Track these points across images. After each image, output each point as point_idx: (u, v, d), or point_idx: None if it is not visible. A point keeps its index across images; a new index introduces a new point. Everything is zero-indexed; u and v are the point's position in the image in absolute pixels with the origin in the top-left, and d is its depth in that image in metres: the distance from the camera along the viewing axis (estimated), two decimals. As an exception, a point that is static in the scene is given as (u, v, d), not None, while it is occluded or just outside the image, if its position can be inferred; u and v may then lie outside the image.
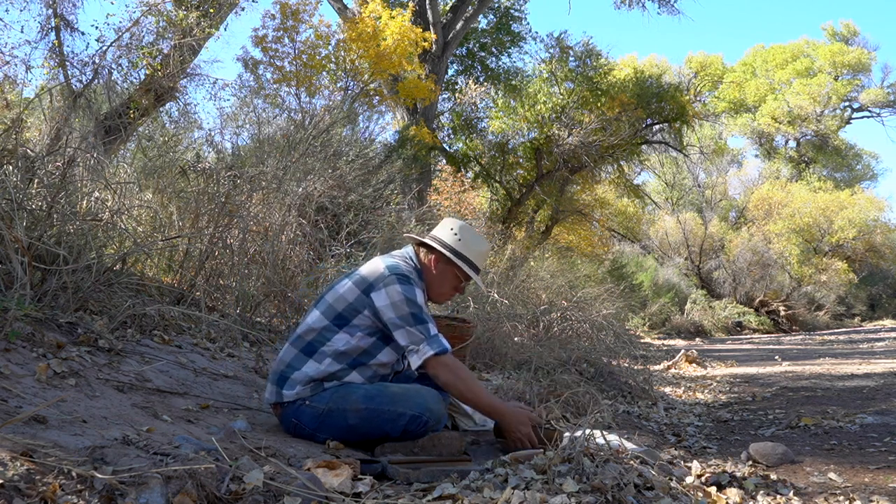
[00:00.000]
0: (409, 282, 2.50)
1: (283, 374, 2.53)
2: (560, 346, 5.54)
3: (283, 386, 2.52)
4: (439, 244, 2.63)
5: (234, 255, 4.51)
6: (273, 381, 2.56)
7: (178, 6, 6.80)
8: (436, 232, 2.70)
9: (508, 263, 7.91)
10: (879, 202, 25.06)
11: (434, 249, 2.65)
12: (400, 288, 2.48)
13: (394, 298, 2.47)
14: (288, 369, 2.53)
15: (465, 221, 2.72)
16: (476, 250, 2.66)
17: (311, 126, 6.82)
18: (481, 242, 2.69)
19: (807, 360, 8.43)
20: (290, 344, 2.57)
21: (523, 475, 2.02)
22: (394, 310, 2.46)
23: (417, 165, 11.37)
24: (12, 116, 4.38)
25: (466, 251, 2.63)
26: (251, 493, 1.68)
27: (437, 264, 2.65)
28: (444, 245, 2.63)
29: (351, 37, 10.57)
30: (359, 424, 2.47)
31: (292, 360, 2.53)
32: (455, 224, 2.68)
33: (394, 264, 2.56)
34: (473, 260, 2.65)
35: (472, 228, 2.71)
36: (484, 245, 2.69)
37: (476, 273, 2.67)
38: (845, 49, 30.65)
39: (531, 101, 13.50)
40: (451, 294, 2.72)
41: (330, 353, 2.51)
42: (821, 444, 3.41)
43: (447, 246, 2.63)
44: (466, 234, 2.66)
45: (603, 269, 15.43)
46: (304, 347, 2.54)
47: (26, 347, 2.50)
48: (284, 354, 2.57)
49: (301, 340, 2.55)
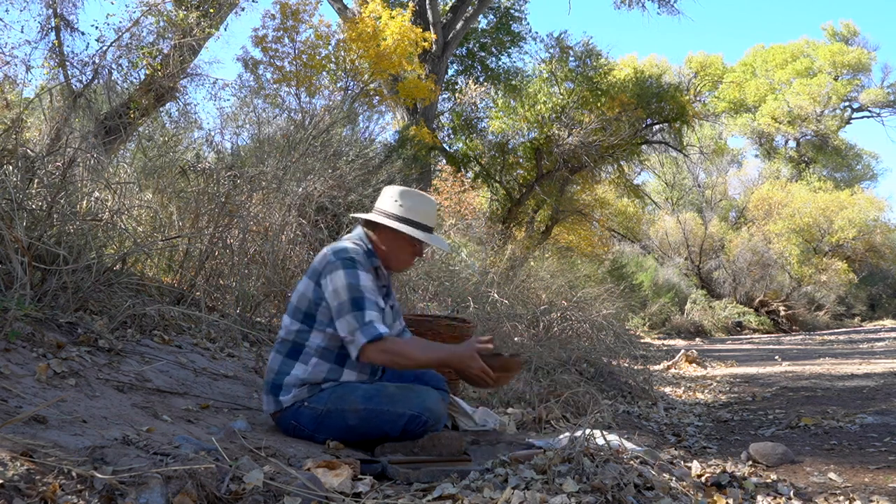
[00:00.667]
0: (353, 265, 2.46)
1: (275, 382, 2.53)
2: (560, 346, 5.54)
3: (279, 393, 2.51)
4: (384, 216, 2.60)
5: (234, 255, 4.50)
6: (267, 391, 2.55)
7: (178, 6, 6.80)
8: (378, 204, 2.65)
9: (508, 263, 7.91)
10: (879, 202, 25.06)
11: (378, 224, 2.61)
12: (342, 273, 2.44)
13: (336, 285, 2.44)
14: (279, 376, 2.52)
15: (405, 187, 2.69)
16: (421, 210, 2.61)
17: (311, 126, 6.82)
18: (425, 202, 2.65)
19: (807, 360, 8.43)
20: (276, 352, 2.57)
21: (523, 475, 2.02)
22: (335, 297, 2.44)
23: (417, 165, 11.37)
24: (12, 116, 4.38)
25: (411, 214, 2.59)
26: (251, 493, 1.68)
27: (385, 237, 2.61)
28: (387, 215, 2.59)
29: (351, 37, 10.57)
30: (358, 425, 2.46)
31: (280, 367, 2.53)
32: (395, 191, 2.63)
33: (340, 248, 2.53)
34: (421, 221, 2.61)
35: (414, 191, 2.67)
36: (428, 204, 2.66)
37: (428, 232, 2.63)
38: (845, 49, 30.64)
39: (531, 101, 13.50)
40: (412, 260, 2.69)
41: (313, 352, 2.50)
42: (821, 444, 3.41)
43: (391, 215, 2.59)
44: (408, 199, 2.61)
45: (603, 269, 15.42)
46: (288, 352, 2.53)
47: (26, 347, 2.50)
48: (272, 363, 2.56)
49: (284, 345, 2.54)
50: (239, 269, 4.52)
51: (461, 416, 3.10)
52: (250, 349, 3.85)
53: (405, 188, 2.68)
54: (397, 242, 2.61)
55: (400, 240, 2.61)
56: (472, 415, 3.12)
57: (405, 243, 2.62)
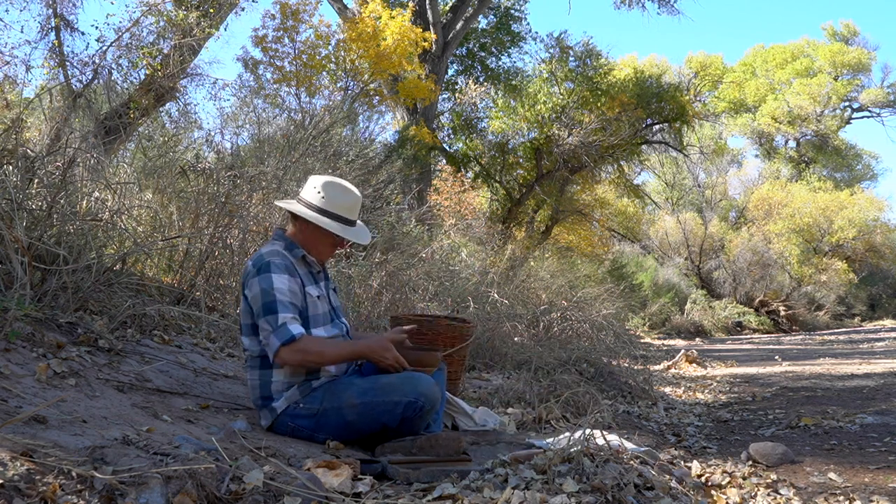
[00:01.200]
0: (266, 269, 2.46)
1: (262, 395, 2.53)
2: (560, 346, 5.54)
3: (270, 402, 2.51)
4: (304, 205, 2.58)
5: (234, 255, 4.51)
6: (259, 406, 2.56)
7: (178, 6, 6.80)
8: (302, 193, 2.62)
9: (508, 263, 7.91)
10: (879, 202, 25.04)
11: (297, 216, 2.59)
12: (256, 280, 2.46)
13: (253, 292, 2.46)
14: (263, 388, 2.52)
15: (330, 177, 2.65)
16: (343, 203, 2.58)
17: (311, 126, 6.82)
18: (347, 193, 2.61)
19: (807, 361, 8.43)
20: (249, 370, 2.57)
21: (523, 475, 2.02)
22: (253, 304, 2.46)
23: (417, 165, 11.37)
24: (12, 116, 4.38)
25: (332, 207, 2.56)
26: (251, 493, 1.68)
27: (305, 228, 2.59)
28: (308, 206, 2.57)
29: (351, 37, 10.57)
30: (357, 420, 2.47)
31: (260, 379, 2.53)
32: (318, 181, 2.60)
33: (256, 255, 2.54)
34: (343, 214, 2.58)
35: (337, 182, 2.63)
36: (350, 196, 2.61)
37: (350, 225, 2.61)
38: (845, 49, 30.63)
39: (531, 101, 13.50)
40: (332, 251, 2.67)
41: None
42: (821, 444, 3.41)
43: (311, 206, 2.57)
44: (329, 190, 2.58)
45: (603, 269, 15.42)
46: (260, 365, 2.53)
47: (26, 347, 2.50)
48: (250, 381, 2.57)
49: (253, 361, 2.54)
50: (239, 269, 4.52)
51: (461, 416, 3.10)
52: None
53: (329, 178, 2.64)
54: (317, 234, 2.59)
55: (319, 232, 2.58)
56: (472, 415, 3.12)
57: (325, 235, 2.59)
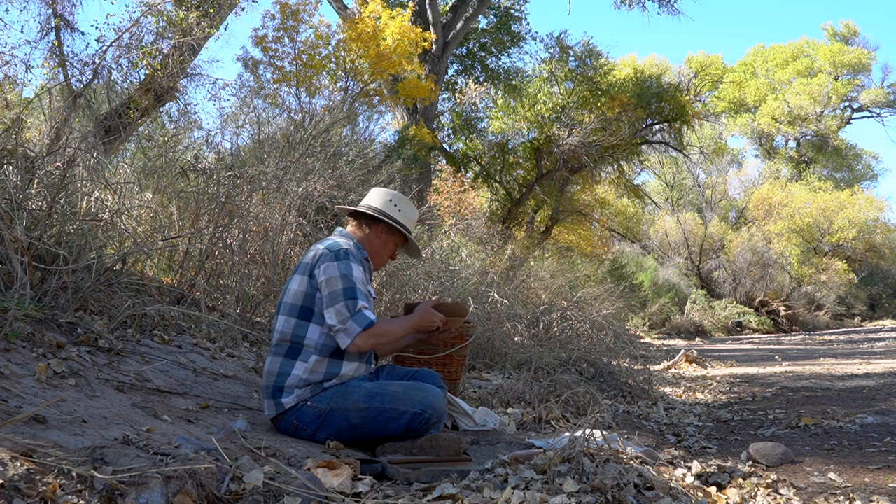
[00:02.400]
0: (346, 257, 2.54)
1: (275, 385, 2.53)
2: (560, 346, 5.54)
3: (281, 395, 2.51)
4: (383, 215, 2.72)
5: (234, 255, 4.51)
6: (268, 395, 2.55)
7: (178, 6, 6.79)
8: (373, 203, 2.77)
9: (508, 263, 7.91)
10: (879, 202, 25.02)
11: (380, 220, 2.72)
12: (336, 264, 2.51)
13: (329, 274, 2.50)
14: (279, 378, 2.52)
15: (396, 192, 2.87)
16: (413, 219, 2.80)
17: (311, 126, 6.82)
18: (414, 210, 2.83)
19: (807, 360, 8.43)
20: (273, 355, 2.57)
21: (523, 475, 2.02)
22: (328, 286, 2.50)
23: (417, 165, 11.37)
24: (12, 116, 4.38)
25: (406, 220, 2.75)
26: (251, 493, 1.68)
27: (382, 234, 2.73)
28: (386, 215, 2.72)
29: (351, 37, 10.57)
30: (361, 424, 2.47)
31: (281, 368, 2.53)
32: (391, 194, 2.78)
33: (332, 242, 2.62)
34: (411, 228, 2.79)
35: (405, 198, 2.83)
36: (416, 213, 2.84)
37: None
38: (845, 49, 30.64)
39: (531, 101, 13.50)
40: (388, 261, 2.83)
41: (313, 349, 2.51)
42: (821, 444, 3.40)
43: (387, 215, 2.72)
44: (403, 204, 2.77)
45: (603, 269, 15.44)
46: (287, 352, 2.53)
47: (26, 347, 2.50)
48: (270, 366, 2.56)
49: (280, 348, 2.55)
50: (239, 269, 4.52)
51: (461, 416, 3.10)
52: (250, 349, 3.85)
53: (397, 193, 2.81)
54: (386, 241, 2.74)
55: (390, 241, 2.74)
56: (472, 415, 3.12)
57: (393, 244, 2.76)
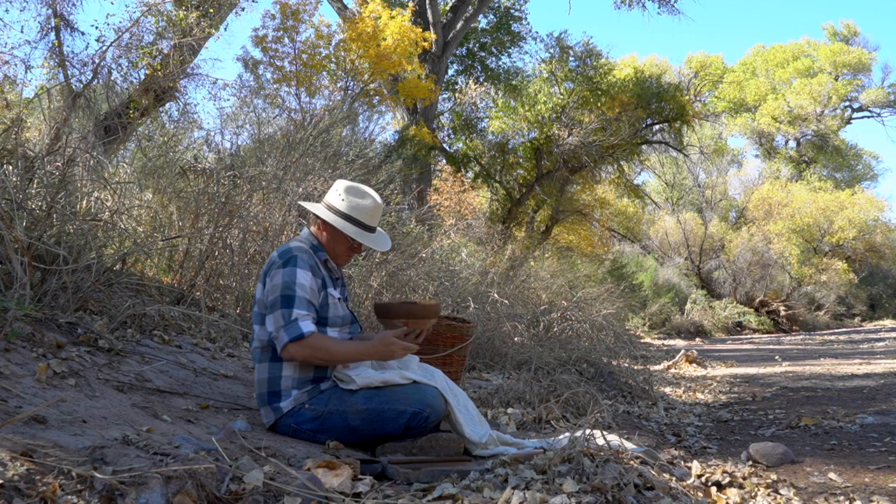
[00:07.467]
0: (292, 263, 2.49)
1: (269, 391, 2.52)
2: (560, 346, 5.54)
3: (278, 399, 2.51)
4: (325, 207, 2.64)
5: (234, 255, 4.50)
6: (263, 402, 2.55)
7: (178, 6, 6.79)
8: (326, 197, 2.69)
9: (508, 263, 7.91)
10: (879, 202, 25.00)
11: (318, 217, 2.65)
12: (281, 271, 2.49)
13: (273, 282, 2.49)
14: (271, 383, 2.52)
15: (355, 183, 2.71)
16: (363, 209, 2.62)
17: (311, 126, 6.81)
18: (368, 200, 2.65)
19: (807, 361, 8.43)
20: (258, 362, 2.56)
21: (523, 475, 2.02)
22: (270, 293, 2.49)
23: (417, 165, 11.37)
24: (12, 116, 4.38)
25: (353, 212, 2.62)
26: (251, 493, 1.68)
27: (326, 230, 2.66)
28: (330, 209, 2.63)
29: (351, 37, 10.57)
30: (361, 425, 2.47)
31: (269, 373, 2.52)
32: (342, 185, 2.66)
33: (284, 248, 2.58)
34: (362, 219, 2.62)
35: (360, 188, 2.67)
36: (371, 202, 2.65)
37: (369, 231, 2.65)
38: (846, 49, 30.63)
39: (531, 101, 13.50)
40: (349, 255, 2.70)
41: None
42: (821, 444, 3.40)
43: (333, 209, 2.62)
44: (351, 195, 2.64)
45: (603, 269, 15.44)
46: (271, 357, 2.53)
47: (26, 347, 2.50)
48: (259, 374, 2.56)
49: (264, 353, 2.55)
50: (239, 269, 4.52)
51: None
52: (250, 349, 3.85)
53: (353, 183, 2.69)
54: (335, 237, 2.65)
55: (338, 235, 2.64)
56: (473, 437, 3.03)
57: (343, 239, 2.65)
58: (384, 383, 2.51)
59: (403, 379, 2.52)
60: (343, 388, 2.51)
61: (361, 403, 2.46)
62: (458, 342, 3.50)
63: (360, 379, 2.50)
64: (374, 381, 2.51)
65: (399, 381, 2.51)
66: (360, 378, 2.51)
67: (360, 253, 2.79)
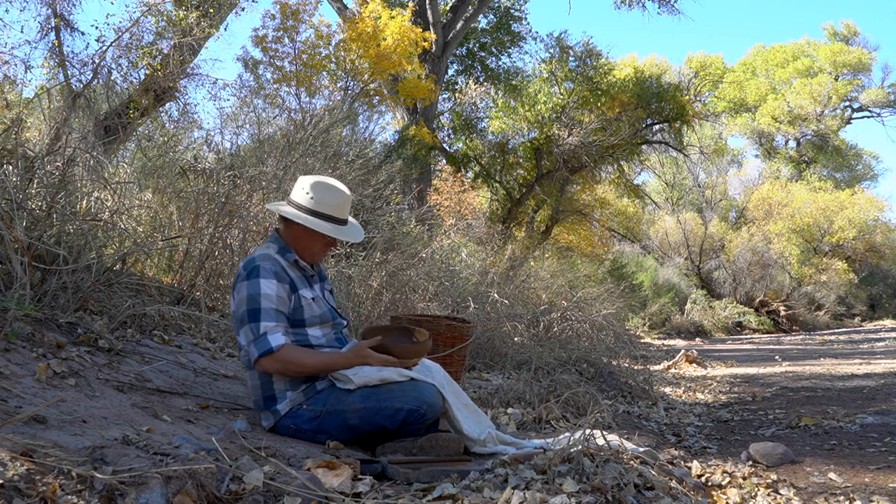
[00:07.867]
0: (255, 274, 2.47)
1: (264, 395, 2.53)
2: (560, 346, 5.54)
3: (274, 403, 2.51)
4: (294, 207, 2.59)
5: (234, 255, 4.50)
6: (260, 408, 2.55)
7: (178, 6, 6.79)
8: (292, 195, 2.63)
9: (508, 263, 7.91)
10: (879, 202, 24.99)
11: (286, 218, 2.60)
12: (244, 284, 2.48)
13: (239, 296, 2.49)
14: (265, 388, 2.52)
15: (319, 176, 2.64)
16: (332, 203, 2.58)
17: (311, 126, 6.81)
18: (337, 193, 2.61)
19: (807, 361, 8.43)
20: (249, 370, 2.56)
21: (523, 475, 2.02)
22: (238, 307, 2.49)
23: (417, 165, 11.37)
24: (12, 116, 4.38)
25: (322, 207, 2.57)
26: (251, 493, 1.68)
27: (295, 230, 2.60)
28: (298, 208, 2.58)
29: (351, 37, 10.57)
30: (359, 424, 2.48)
31: (261, 379, 2.52)
32: (307, 182, 2.60)
33: (248, 259, 2.57)
34: (333, 214, 2.59)
35: (326, 181, 2.62)
36: (339, 195, 2.61)
37: (341, 224, 2.61)
38: (846, 49, 30.62)
39: (531, 101, 13.50)
40: (324, 251, 2.66)
41: None
42: (821, 444, 3.40)
43: (301, 207, 2.57)
44: (319, 190, 2.58)
45: (603, 269, 15.44)
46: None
47: (26, 347, 2.50)
48: (251, 381, 2.56)
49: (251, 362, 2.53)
50: (239, 269, 4.51)
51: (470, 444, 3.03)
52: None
53: (318, 178, 2.63)
54: (308, 235, 2.60)
55: (310, 233, 2.59)
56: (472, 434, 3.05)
57: (317, 236, 2.59)
58: (382, 381, 2.49)
59: (401, 376, 2.51)
60: (340, 388, 2.51)
61: (359, 402, 2.46)
62: (458, 342, 3.50)
63: (357, 378, 2.49)
64: (372, 379, 2.49)
65: (397, 379, 2.50)
66: (358, 377, 2.49)
67: (336, 247, 2.75)
